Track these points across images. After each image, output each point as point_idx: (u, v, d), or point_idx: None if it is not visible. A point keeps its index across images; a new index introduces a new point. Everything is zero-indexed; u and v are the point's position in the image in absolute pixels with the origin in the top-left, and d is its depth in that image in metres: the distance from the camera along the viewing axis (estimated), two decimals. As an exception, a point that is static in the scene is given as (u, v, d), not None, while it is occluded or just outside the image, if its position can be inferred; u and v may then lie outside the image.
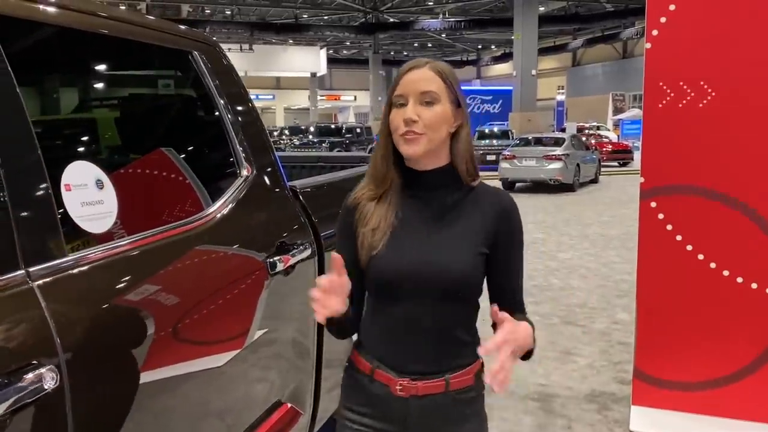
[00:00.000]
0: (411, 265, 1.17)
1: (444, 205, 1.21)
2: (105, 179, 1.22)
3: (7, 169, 1.02)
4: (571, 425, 3.04)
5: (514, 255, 1.25)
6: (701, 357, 3.00)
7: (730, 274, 2.93)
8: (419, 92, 1.16)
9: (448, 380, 1.20)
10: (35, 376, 0.92)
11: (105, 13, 1.37)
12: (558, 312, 4.90)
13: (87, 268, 1.12)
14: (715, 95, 2.85)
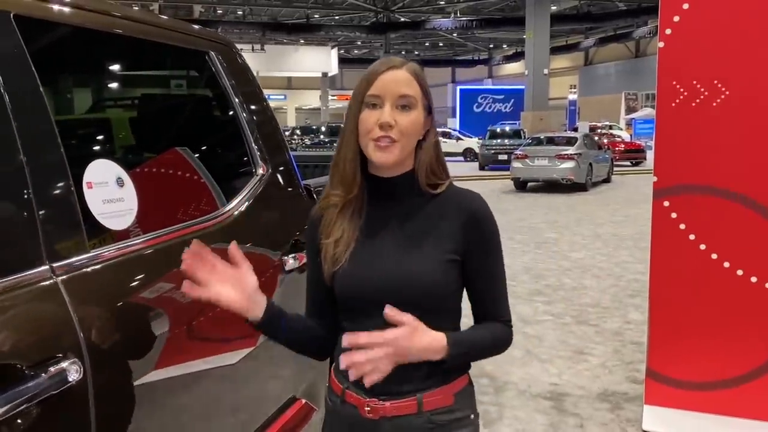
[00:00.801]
0: (375, 277, 1.10)
1: (409, 213, 1.14)
2: (125, 177, 1.25)
3: (32, 168, 1.05)
4: (584, 424, 3.04)
5: (489, 261, 1.15)
6: (714, 357, 2.99)
7: (744, 274, 2.92)
8: (398, 95, 1.08)
9: (420, 399, 1.09)
10: (60, 369, 0.95)
11: (126, 15, 1.40)
12: (570, 311, 4.89)
13: (108, 264, 1.15)
14: (729, 94, 2.84)
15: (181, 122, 1.75)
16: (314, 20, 31.76)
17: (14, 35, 1.11)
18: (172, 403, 1.26)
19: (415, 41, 39.27)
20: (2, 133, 1.03)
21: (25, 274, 0.99)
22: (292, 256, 1.71)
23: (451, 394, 1.12)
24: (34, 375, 0.91)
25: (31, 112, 1.09)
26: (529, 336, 4.33)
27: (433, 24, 29.98)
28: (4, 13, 1.12)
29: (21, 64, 1.10)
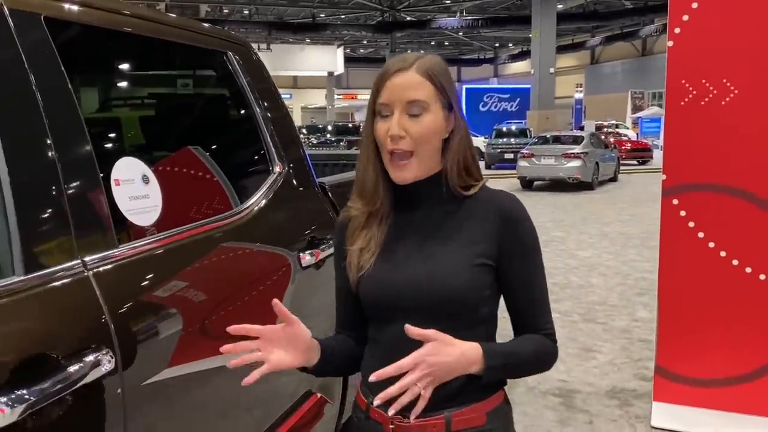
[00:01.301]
0: (401, 284, 1.04)
1: (437, 216, 1.08)
2: (150, 175, 1.29)
3: (63, 165, 1.08)
4: (593, 420, 3.06)
5: (526, 267, 1.07)
6: (723, 354, 3.01)
7: (753, 271, 2.94)
8: (405, 102, 1.01)
9: (449, 418, 1.02)
10: (94, 359, 0.98)
11: (149, 17, 1.43)
12: (578, 309, 4.91)
13: (135, 258, 1.18)
14: (738, 93, 2.86)
15: (201, 121, 1.78)
16: (320, 19, 31.80)
17: (44, 36, 1.14)
18: (195, 394, 1.29)
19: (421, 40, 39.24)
20: (35, 131, 1.06)
21: (58, 267, 1.03)
22: (309, 253, 1.74)
23: (484, 413, 1.04)
24: (68, 365, 0.95)
25: (62, 110, 1.12)
26: (537, 334, 4.35)
27: (438, 23, 29.96)
28: (35, 15, 1.15)
29: (51, 63, 1.14)
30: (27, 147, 1.04)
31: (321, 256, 1.80)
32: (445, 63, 1.10)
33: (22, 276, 0.97)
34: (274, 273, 1.61)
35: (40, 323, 0.97)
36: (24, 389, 0.87)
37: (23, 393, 0.87)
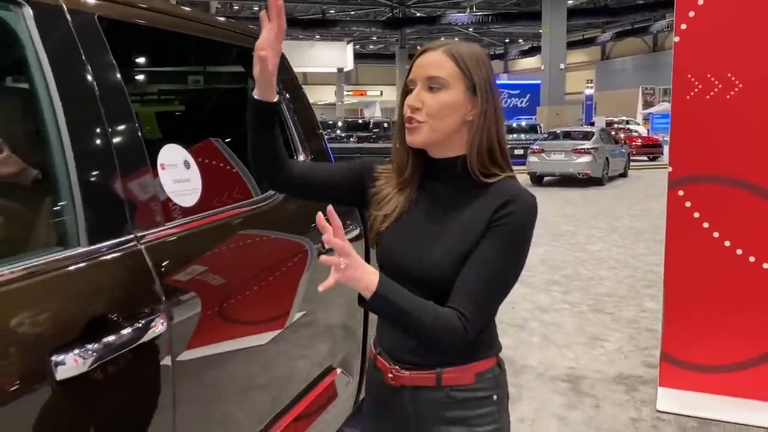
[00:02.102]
0: (402, 256, 1.12)
1: (452, 200, 1.12)
2: (191, 160, 1.41)
3: (118, 151, 1.20)
4: (600, 404, 3.16)
5: (488, 248, 1.07)
6: (727, 340, 3.10)
7: (756, 260, 3.02)
8: (426, 77, 1.08)
9: (440, 374, 1.11)
10: (148, 322, 1.10)
11: (189, 16, 1.55)
12: (587, 301, 5.01)
13: (180, 235, 1.30)
14: (743, 87, 2.94)
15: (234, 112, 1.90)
16: (330, 16, 31.89)
17: (98, 33, 1.26)
18: (230, 358, 1.41)
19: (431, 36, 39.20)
20: (94, 121, 1.18)
21: (115, 241, 1.15)
22: (331, 236, 1.85)
23: (473, 373, 1.13)
24: (128, 325, 1.07)
25: (115, 101, 1.24)
26: (546, 323, 4.45)
27: (448, 19, 29.95)
28: (89, 14, 1.27)
29: (105, 58, 1.26)
30: (88, 135, 1.16)
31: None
32: (482, 50, 1.14)
33: (86, 247, 1.09)
34: (300, 253, 1.73)
35: (103, 288, 1.09)
36: (92, 345, 0.99)
37: (92, 348, 0.99)
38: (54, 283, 1.02)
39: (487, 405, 1.14)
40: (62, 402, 0.95)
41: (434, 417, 1.14)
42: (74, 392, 0.96)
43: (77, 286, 1.06)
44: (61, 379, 0.94)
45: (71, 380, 0.95)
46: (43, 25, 1.15)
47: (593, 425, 2.94)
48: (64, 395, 0.95)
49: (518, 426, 2.93)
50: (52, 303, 1.00)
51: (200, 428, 1.30)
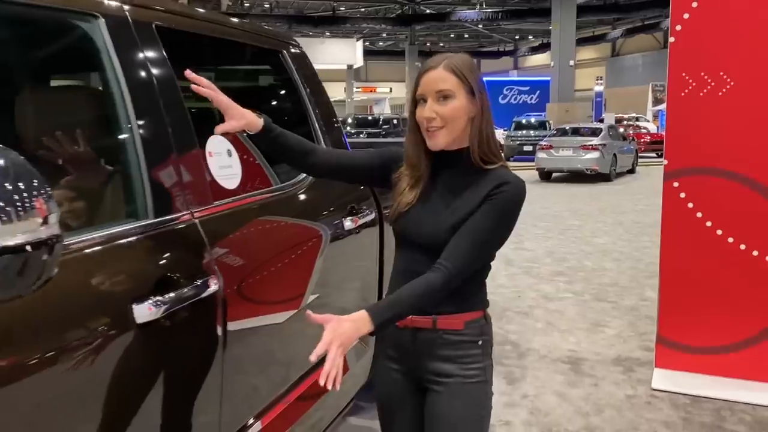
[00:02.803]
0: (419, 229, 1.38)
1: (459, 183, 1.38)
2: (233, 149, 1.63)
3: (176, 141, 1.42)
4: (598, 383, 3.36)
5: (477, 218, 1.33)
6: (718, 324, 3.29)
7: (747, 248, 3.21)
8: (435, 91, 1.33)
9: (435, 319, 1.39)
10: (203, 283, 1.32)
11: (228, 24, 1.77)
12: (590, 290, 5.20)
13: (226, 211, 1.53)
14: (734, 84, 3.13)
15: (266, 107, 2.13)
16: (340, 13, 32.06)
17: (156, 40, 1.49)
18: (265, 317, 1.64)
19: (440, 33, 39.33)
20: (156, 115, 1.40)
21: (173, 216, 1.37)
22: (350, 219, 2.08)
23: (462, 321, 1.40)
24: (188, 284, 1.29)
25: (172, 98, 1.46)
26: (550, 311, 4.65)
27: (458, 15, 30.04)
28: (148, 23, 1.49)
29: (162, 61, 1.48)
30: (152, 127, 1.38)
31: (359, 222, 2.14)
32: (470, 57, 1.40)
33: (151, 219, 1.32)
34: (324, 233, 1.95)
35: (167, 256, 1.32)
36: (163, 297, 1.21)
37: (162, 299, 1.21)
38: (131, 247, 1.24)
39: (472, 348, 1.42)
40: (140, 341, 1.17)
41: (429, 353, 1.42)
42: (149, 334, 1.19)
43: (148, 250, 1.28)
44: (140, 322, 1.16)
45: (147, 324, 1.17)
46: (114, 33, 1.37)
47: (591, 401, 3.15)
48: (142, 336, 1.17)
49: (521, 401, 3.14)
50: (131, 263, 1.23)
51: (241, 367, 1.52)
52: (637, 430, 2.85)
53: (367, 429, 2.85)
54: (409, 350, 1.45)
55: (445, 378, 1.41)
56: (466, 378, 1.41)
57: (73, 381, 1.03)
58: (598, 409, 3.06)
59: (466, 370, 1.41)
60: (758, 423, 2.90)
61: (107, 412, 1.11)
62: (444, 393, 1.41)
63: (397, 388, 1.50)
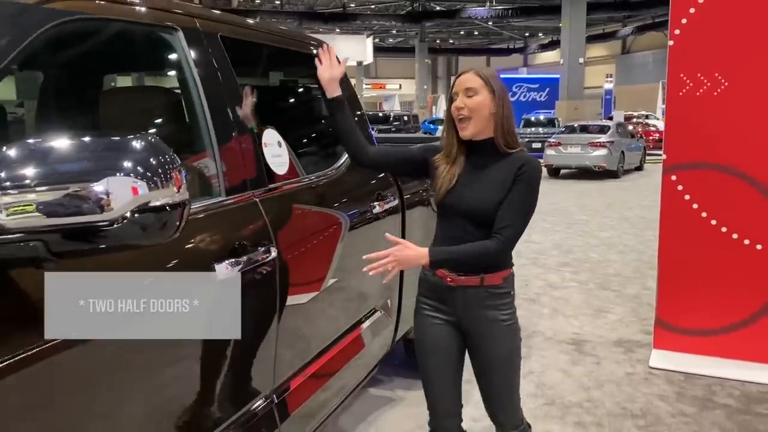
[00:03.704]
0: (461, 202, 1.74)
1: (487, 165, 1.76)
2: (282, 141, 1.90)
3: (239, 134, 1.70)
4: (600, 362, 3.62)
5: (514, 194, 1.72)
6: (712, 308, 3.55)
7: (739, 237, 3.46)
8: (464, 88, 1.74)
9: (482, 278, 1.75)
10: (265, 250, 1.60)
11: (275, 32, 2.05)
12: (594, 279, 5.45)
13: (279, 192, 1.81)
14: (728, 85, 3.37)
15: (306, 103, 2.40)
16: (350, 9, 32.28)
17: (222, 50, 1.76)
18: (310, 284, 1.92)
19: (450, 30, 39.47)
20: (225, 112, 1.68)
21: (239, 196, 1.65)
22: (377, 203, 2.35)
23: (501, 277, 1.79)
24: (253, 250, 1.57)
25: (235, 97, 1.74)
26: (556, 298, 4.91)
27: (468, 13, 30.19)
28: (214, 34, 1.77)
29: (227, 66, 1.75)
30: (223, 123, 1.66)
31: (385, 207, 2.41)
32: (495, 70, 1.84)
33: (224, 197, 1.60)
34: (357, 215, 2.23)
35: (236, 227, 1.60)
36: (236, 259, 1.49)
37: (235, 261, 1.49)
38: (211, 218, 1.52)
39: (507, 297, 1.82)
40: (222, 294, 1.45)
41: (476, 304, 1.79)
42: (227, 288, 1.47)
43: (223, 221, 1.56)
44: (221, 279, 1.44)
45: (225, 280, 1.46)
46: (190, 42, 1.65)
47: (593, 377, 3.41)
48: (222, 290, 1.45)
49: (527, 377, 3.40)
50: (213, 231, 1.51)
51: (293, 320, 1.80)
52: (634, 402, 3.11)
53: (387, 399, 3.13)
54: (459, 304, 1.79)
55: (489, 322, 1.79)
56: (504, 321, 1.79)
57: (176, 311, 1.30)
58: (599, 384, 3.33)
59: (504, 315, 1.79)
60: (745, 397, 3.15)
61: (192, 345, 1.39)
62: (488, 334, 1.80)
63: (443, 335, 1.84)
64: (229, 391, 1.53)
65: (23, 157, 0.94)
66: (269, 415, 1.68)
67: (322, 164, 2.18)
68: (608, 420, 2.93)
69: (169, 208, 1.02)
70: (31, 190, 0.92)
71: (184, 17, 1.66)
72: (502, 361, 1.82)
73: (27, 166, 0.93)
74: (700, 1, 3.37)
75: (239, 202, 1.63)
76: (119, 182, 0.96)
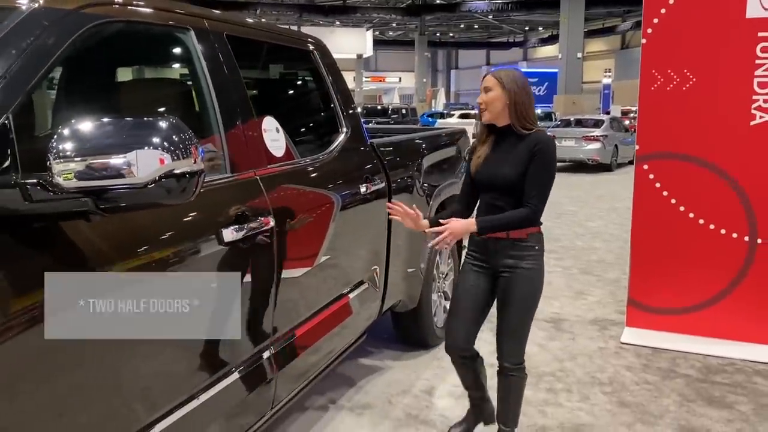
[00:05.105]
0: (488, 175, 2.23)
1: (510, 144, 2.21)
2: (279, 128, 2.16)
3: (243, 121, 1.96)
4: (575, 338, 3.90)
5: (533, 169, 2.16)
6: (680, 288, 3.82)
7: (705, 222, 3.73)
8: (483, 87, 2.24)
9: (509, 233, 2.21)
10: (264, 220, 1.86)
11: (275, 30, 2.31)
12: (578, 265, 5.72)
13: (277, 171, 2.07)
14: (696, 80, 3.63)
15: (302, 96, 2.66)
16: (350, 2, 32.40)
17: (227, 47, 2.02)
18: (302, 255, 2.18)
19: (450, 23, 39.62)
20: (231, 101, 1.94)
21: (243, 173, 1.91)
22: (365, 186, 2.61)
23: (526, 233, 2.23)
24: (255, 220, 1.83)
25: (239, 88, 2.00)
26: (539, 281, 5.18)
27: (468, 6, 30.34)
28: (220, 33, 2.02)
29: (232, 62, 2.01)
30: (229, 111, 1.92)
31: (372, 188, 2.67)
32: (517, 72, 2.27)
33: (229, 174, 1.86)
34: (347, 195, 2.49)
35: (239, 201, 1.86)
36: (240, 225, 1.76)
37: (239, 227, 1.75)
38: (218, 192, 1.78)
39: (531, 250, 2.25)
40: (227, 255, 1.72)
41: (503, 253, 2.25)
42: (232, 250, 1.73)
43: (227, 195, 1.82)
44: (227, 241, 1.71)
45: (230, 243, 1.72)
46: (200, 41, 1.90)
47: (567, 351, 3.69)
48: (228, 251, 1.72)
49: (507, 350, 3.68)
50: (219, 203, 1.77)
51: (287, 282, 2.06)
52: (603, 372, 3.39)
53: (376, 367, 3.40)
54: (490, 251, 2.27)
55: (512, 268, 2.24)
56: (525, 269, 2.23)
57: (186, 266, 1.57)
58: (572, 356, 3.60)
59: (527, 264, 2.23)
60: (706, 368, 3.43)
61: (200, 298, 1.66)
62: (512, 279, 2.24)
63: (478, 281, 2.32)
64: (233, 339, 1.80)
65: (74, 134, 1.20)
66: (268, 362, 1.95)
67: (315, 149, 2.44)
68: (577, 387, 3.20)
69: (188, 176, 1.28)
70: (83, 159, 1.18)
71: (195, 18, 1.92)
72: (518, 301, 2.25)
73: (78, 140, 1.19)
74: (671, 2, 3.62)
75: (242, 178, 1.89)
76: (149, 154, 1.22)
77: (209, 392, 1.68)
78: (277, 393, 2.01)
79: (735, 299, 3.70)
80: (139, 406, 1.49)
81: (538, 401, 3.03)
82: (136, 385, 1.47)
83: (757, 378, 3.29)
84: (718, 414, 2.90)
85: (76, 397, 1.30)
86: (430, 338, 3.53)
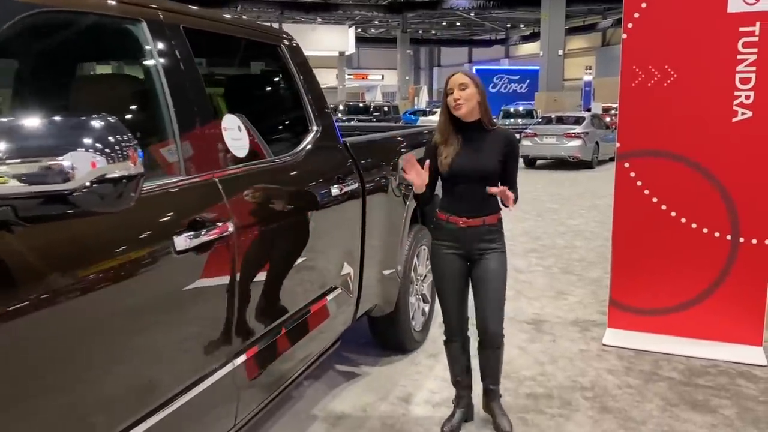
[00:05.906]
0: (461, 168, 2.43)
1: (479, 139, 2.46)
2: (242, 126, 2.03)
3: (201, 119, 1.83)
4: (556, 340, 3.82)
5: (510, 164, 2.51)
6: (662, 288, 3.75)
7: (687, 221, 3.66)
8: (458, 84, 2.41)
9: (484, 220, 2.49)
10: (223, 226, 1.74)
11: (238, 23, 2.18)
12: (559, 264, 5.66)
13: (238, 173, 1.94)
14: (677, 77, 3.56)
15: (268, 93, 2.53)
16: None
17: (183, 39, 1.89)
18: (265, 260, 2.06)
19: (432, 21, 39.51)
20: (186, 96, 1.80)
21: (201, 174, 1.78)
22: (337, 187, 2.49)
23: (496, 219, 2.54)
24: (209, 227, 1.70)
25: (196, 83, 1.86)
26: (520, 281, 5.10)
27: (450, 3, 30.24)
28: (176, 25, 1.89)
29: (188, 56, 1.88)
30: (184, 107, 1.78)
31: (344, 189, 2.55)
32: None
33: (184, 176, 1.73)
34: (316, 197, 2.37)
35: (204, 205, 1.73)
36: (195, 232, 1.63)
37: (194, 234, 1.62)
38: (171, 196, 1.65)
39: (498, 233, 2.55)
40: (179, 263, 1.59)
41: (478, 238, 2.50)
42: (186, 259, 1.60)
43: (182, 198, 1.69)
44: (179, 250, 1.58)
45: (184, 251, 1.59)
46: (154, 33, 1.77)
47: (548, 353, 3.60)
48: (181, 260, 1.59)
49: (487, 353, 3.58)
50: (172, 207, 1.64)
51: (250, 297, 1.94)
52: (585, 375, 3.31)
53: (352, 374, 3.29)
54: (466, 239, 2.50)
55: (487, 251, 2.51)
56: (496, 249, 2.52)
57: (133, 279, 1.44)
58: (553, 359, 3.52)
59: (497, 245, 2.52)
60: (689, 370, 3.36)
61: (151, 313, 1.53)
62: (487, 259, 2.51)
63: (455, 264, 2.54)
64: (188, 356, 1.67)
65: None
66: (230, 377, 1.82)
67: (282, 149, 2.32)
68: (558, 392, 3.12)
69: (125, 180, 1.15)
70: (2, 162, 1.05)
71: (148, 10, 1.79)
72: (495, 273, 2.51)
73: (1, 141, 1.06)
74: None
75: (198, 181, 1.76)
76: (80, 156, 1.10)
77: (165, 411, 1.55)
78: (240, 408, 1.89)
79: (718, 299, 3.64)
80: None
81: (519, 407, 2.94)
82: (73, 412, 1.34)
83: (740, 380, 3.23)
84: (701, 419, 2.83)
85: None
86: (408, 342, 3.43)
